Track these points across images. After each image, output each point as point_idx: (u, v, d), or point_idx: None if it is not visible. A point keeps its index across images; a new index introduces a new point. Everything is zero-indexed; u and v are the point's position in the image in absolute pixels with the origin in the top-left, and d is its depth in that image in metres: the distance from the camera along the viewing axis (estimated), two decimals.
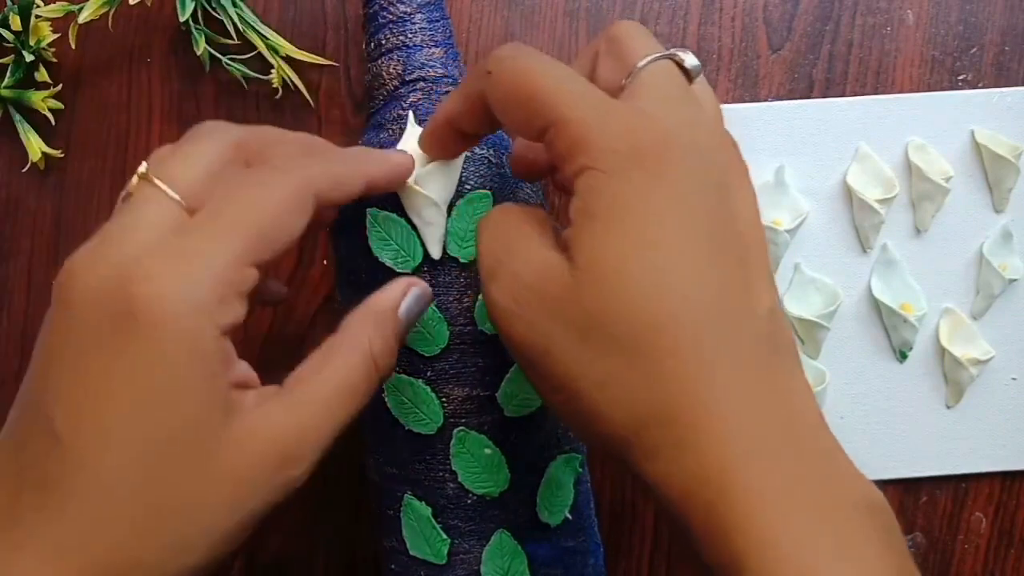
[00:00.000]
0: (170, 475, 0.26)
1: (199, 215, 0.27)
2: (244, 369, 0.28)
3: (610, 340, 0.25)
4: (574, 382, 0.26)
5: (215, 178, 0.28)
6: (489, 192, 0.35)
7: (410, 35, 0.37)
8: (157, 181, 0.28)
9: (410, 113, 0.36)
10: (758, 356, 0.26)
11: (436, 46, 0.37)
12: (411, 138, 0.35)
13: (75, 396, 0.26)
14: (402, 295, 0.32)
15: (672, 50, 0.29)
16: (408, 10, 0.37)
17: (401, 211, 0.35)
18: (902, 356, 0.45)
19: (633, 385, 0.25)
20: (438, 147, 0.34)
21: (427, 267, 0.35)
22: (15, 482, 0.26)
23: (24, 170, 0.44)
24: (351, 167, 0.32)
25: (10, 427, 0.27)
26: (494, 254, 0.29)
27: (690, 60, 0.29)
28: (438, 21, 0.38)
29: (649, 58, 0.28)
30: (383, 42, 0.37)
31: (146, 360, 0.25)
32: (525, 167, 0.34)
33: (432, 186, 0.34)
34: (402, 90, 0.37)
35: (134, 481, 0.25)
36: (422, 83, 0.37)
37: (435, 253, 0.35)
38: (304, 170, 0.29)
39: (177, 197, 0.27)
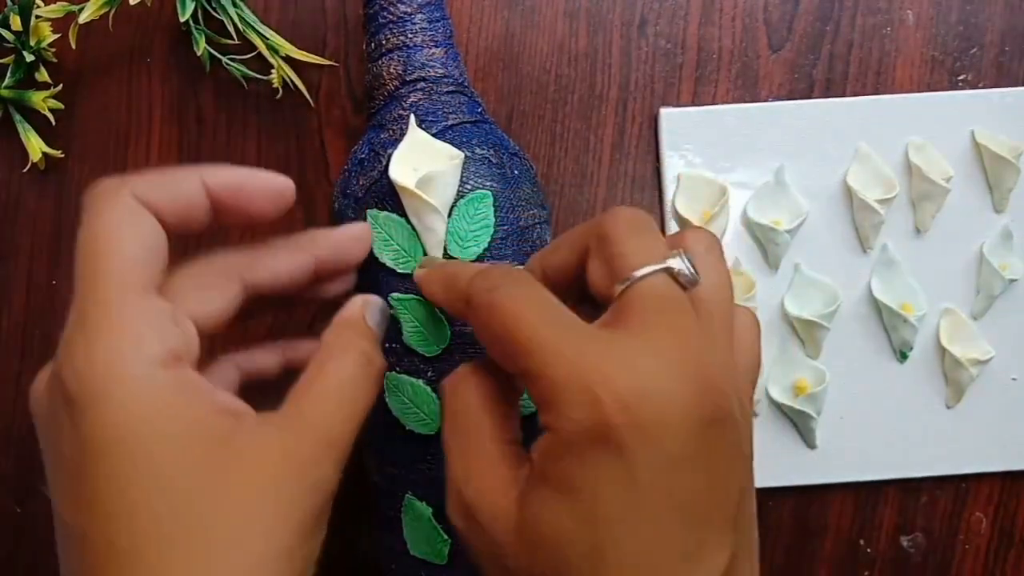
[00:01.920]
0: (186, 524, 0.25)
1: None
2: (230, 399, 0.28)
3: None
4: None
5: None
6: (489, 192, 0.35)
7: (411, 35, 0.37)
8: None
9: (411, 115, 0.36)
10: None
11: (437, 46, 0.37)
12: (412, 139, 0.35)
13: (70, 494, 0.26)
14: (362, 307, 0.32)
15: (668, 258, 0.27)
16: (409, 10, 0.37)
17: (402, 211, 0.35)
18: (902, 356, 0.45)
19: None
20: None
21: None
22: None
23: (24, 170, 0.44)
24: (280, 247, 0.32)
25: None
26: (455, 465, 0.28)
27: (687, 272, 0.27)
28: (438, 21, 0.38)
29: (644, 271, 0.26)
30: (383, 42, 0.37)
31: (105, 432, 0.25)
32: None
33: (434, 191, 0.34)
34: (403, 90, 0.37)
35: (158, 547, 0.25)
36: (423, 83, 0.37)
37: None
38: (219, 254, 0.31)
39: None
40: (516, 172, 0.37)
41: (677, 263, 0.27)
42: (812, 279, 0.44)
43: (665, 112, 0.44)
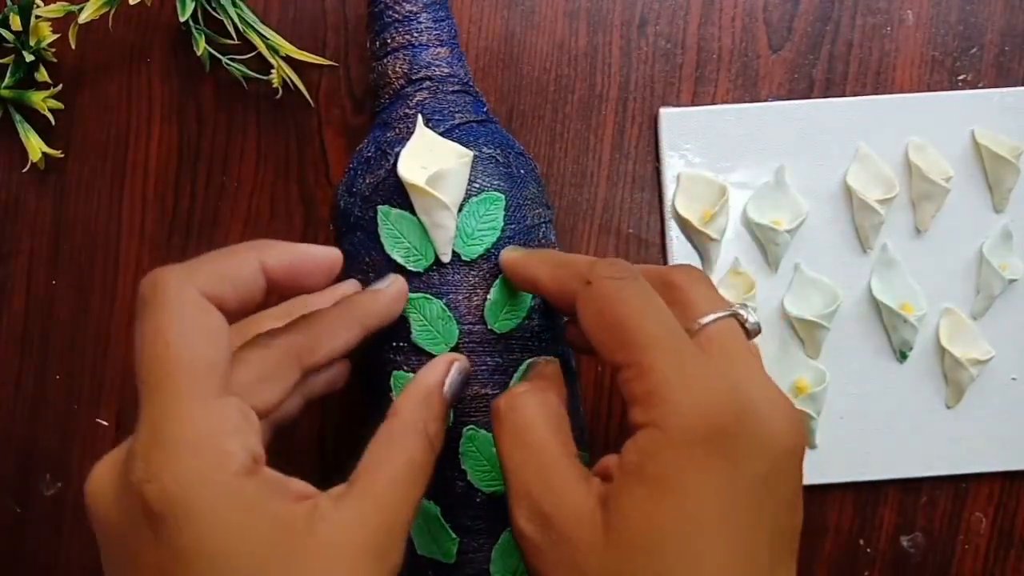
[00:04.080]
0: None
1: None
2: (302, 486, 0.28)
3: None
4: None
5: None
6: (502, 195, 0.36)
7: (416, 34, 0.37)
8: None
9: (419, 116, 0.36)
10: None
11: (442, 45, 0.37)
12: (420, 138, 0.35)
13: None
14: (445, 373, 0.32)
15: (735, 307, 0.29)
16: (414, 9, 0.37)
17: (409, 208, 0.35)
18: (902, 356, 0.45)
19: None
20: (510, 277, 0.35)
21: (437, 265, 0.35)
22: None
23: (24, 170, 0.44)
24: (333, 324, 0.32)
25: None
26: (524, 478, 0.29)
27: (752, 320, 0.29)
28: (443, 20, 0.38)
29: (716, 315, 0.28)
30: (389, 41, 0.37)
31: (196, 547, 0.25)
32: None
33: (444, 189, 0.34)
34: (408, 89, 0.37)
35: None
36: (428, 82, 0.37)
37: (445, 256, 0.35)
38: (278, 339, 0.30)
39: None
40: (522, 171, 0.37)
41: (746, 313, 0.29)
42: (812, 279, 0.44)
43: (665, 112, 0.44)
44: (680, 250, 0.44)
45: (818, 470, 0.44)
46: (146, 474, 0.25)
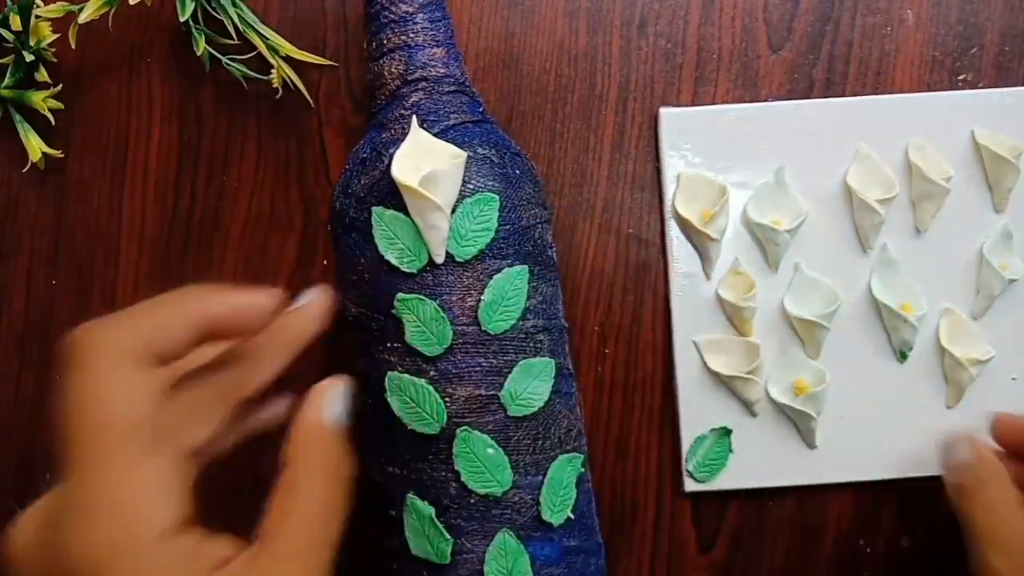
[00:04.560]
0: None
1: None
2: (220, 548, 0.28)
3: None
4: None
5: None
6: (496, 196, 0.36)
7: (412, 35, 0.37)
8: None
9: (413, 117, 0.36)
10: None
11: (438, 46, 0.37)
12: (414, 139, 0.35)
13: None
14: (319, 403, 0.32)
15: None
16: (410, 10, 0.37)
17: (404, 210, 0.35)
18: (902, 356, 0.45)
19: None
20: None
21: (431, 267, 0.35)
22: None
23: (24, 170, 0.44)
24: (265, 355, 0.32)
25: None
26: None
27: None
28: (440, 21, 0.38)
29: None
30: (385, 41, 0.37)
31: None
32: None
33: (437, 190, 0.34)
34: (404, 90, 0.37)
35: None
36: (424, 83, 0.37)
37: (439, 257, 0.35)
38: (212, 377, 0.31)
39: None
40: (518, 172, 0.37)
41: None
42: (812, 279, 0.44)
43: (665, 112, 0.44)
44: (680, 250, 0.44)
45: (818, 470, 0.44)
46: (69, 536, 0.25)
